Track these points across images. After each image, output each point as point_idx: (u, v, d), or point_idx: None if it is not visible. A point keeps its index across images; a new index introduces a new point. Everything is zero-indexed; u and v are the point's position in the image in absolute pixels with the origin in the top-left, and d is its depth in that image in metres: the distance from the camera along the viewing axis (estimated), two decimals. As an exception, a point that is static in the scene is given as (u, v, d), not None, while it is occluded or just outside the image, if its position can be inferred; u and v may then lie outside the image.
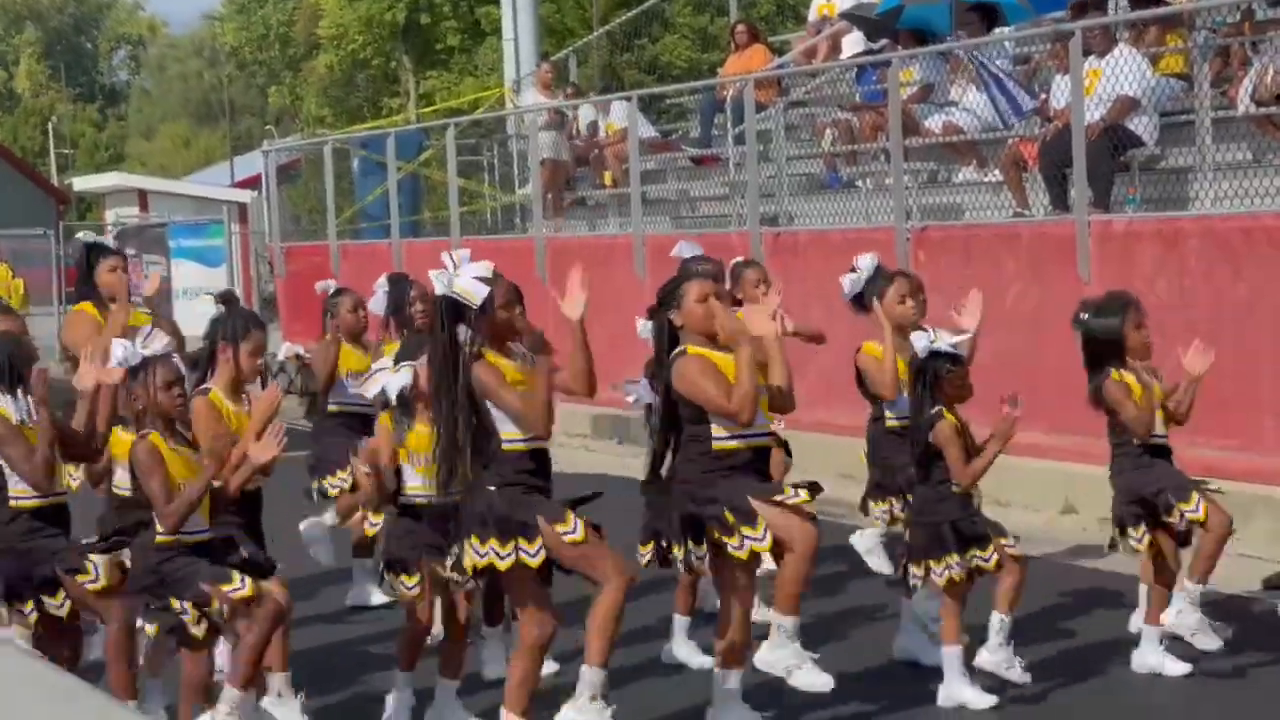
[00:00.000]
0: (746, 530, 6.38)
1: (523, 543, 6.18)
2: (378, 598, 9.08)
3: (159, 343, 6.48)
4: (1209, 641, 7.42)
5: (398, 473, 7.04)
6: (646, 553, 6.74)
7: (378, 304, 9.12)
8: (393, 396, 7.00)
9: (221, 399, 6.90)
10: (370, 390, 7.15)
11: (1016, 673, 7.10)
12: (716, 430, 6.47)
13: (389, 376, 7.05)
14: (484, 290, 6.21)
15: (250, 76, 72.98)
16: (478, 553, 6.23)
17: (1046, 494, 11.03)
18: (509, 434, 6.28)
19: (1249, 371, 10.21)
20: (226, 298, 7.32)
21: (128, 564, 6.55)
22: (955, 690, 7.09)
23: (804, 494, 6.40)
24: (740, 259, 9.58)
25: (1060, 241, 11.70)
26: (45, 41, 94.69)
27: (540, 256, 17.06)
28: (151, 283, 9.18)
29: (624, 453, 14.01)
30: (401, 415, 7.02)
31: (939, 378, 7.19)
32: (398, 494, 7.09)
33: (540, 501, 6.26)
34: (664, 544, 6.66)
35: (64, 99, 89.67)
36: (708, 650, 7.23)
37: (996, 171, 13.27)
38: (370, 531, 8.60)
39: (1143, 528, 7.44)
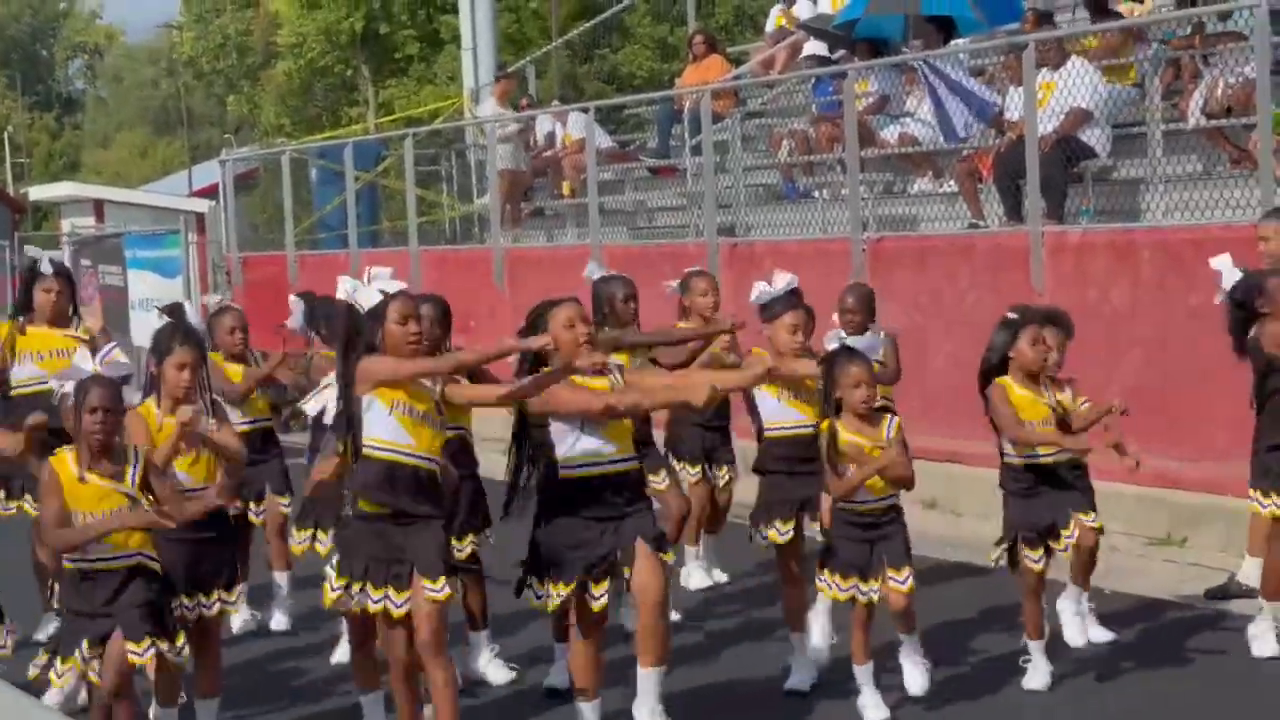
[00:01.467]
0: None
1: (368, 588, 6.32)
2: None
3: (117, 365, 6.35)
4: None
5: None
6: None
7: (295, 321, 9.00)
8: (330, 415, 6.74)
9: (152, 411, 6.75)
10: (313, 408, 7.05)
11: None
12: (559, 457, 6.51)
13: (333, 394, 6.84)
14: (375, 297, 6.33)
15: (208, 85, 72.69)
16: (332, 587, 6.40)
17: (998, 503, 11.07)
18: (380, 439, 6.30)
19: (1200, 381, 10.30)
20: (170, 310, 7.21)
21: None
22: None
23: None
24: (693, 268, 9.60)
25: (1014, 252, 11.77)
26: (1, 50, 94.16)
27: (499, 266, 17.07)
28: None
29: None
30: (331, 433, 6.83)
31: (831, 376, 7.08)
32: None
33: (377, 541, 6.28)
34: None
35: (19, 108, 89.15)
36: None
37: (952, 183, 13.35)
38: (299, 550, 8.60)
39: (1040, 549, 7.46)
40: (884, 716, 7.08)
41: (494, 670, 7.86)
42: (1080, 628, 7.63)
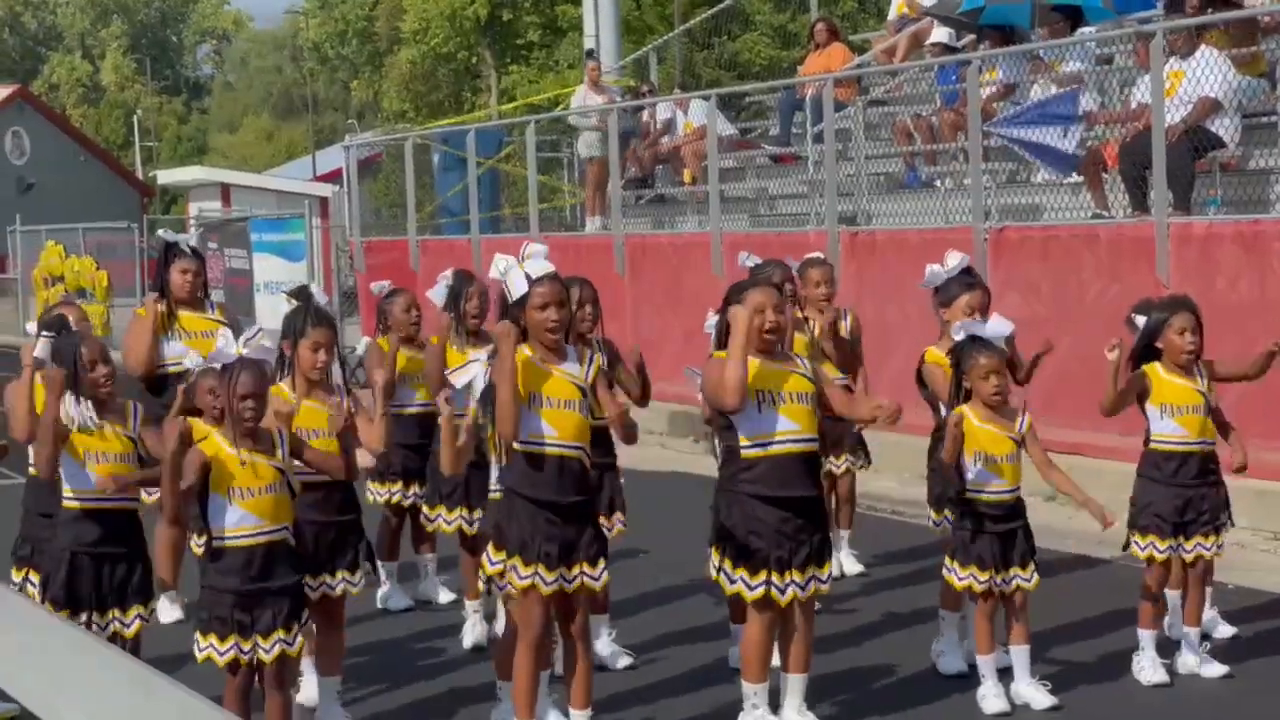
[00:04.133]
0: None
1: (517, 563, 6.31)
2: (405, 602, 9.24)
3: (262, 348, 6.43)
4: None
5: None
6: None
7: (437, 295, 9.06)
8: (478, 389, 6.78)
9: (285, 392, 6.80)
10: (460, 380, 7.03)
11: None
12: (742, 438, 6.48)
13: (481, 369, 6.80)
14: (523, 285, 6.32)
15: (333, 71, 73.50)
16: (491, 561, 6.38)
17: (1121, 496, 10.96)
18: (527, 434, 6.30)
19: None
20: (299, 293, 7.27)
21: None
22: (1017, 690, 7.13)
23: None
24: (811, 255, 9.48)
25: (1139, 243, 11.64)
26: (131, 35, 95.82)
27: (619, 254, 17.13)
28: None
29: (700, 450, 14.04)
30: (484, 409, 6.81)
31: (960, 367, 7.07)
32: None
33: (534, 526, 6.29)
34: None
35: (149, 92, 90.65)
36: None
37: (1075, 173, 13.21)
38: (431, 528, 8.67)
39: (1150, 536, 7.41)
40: (1003, 708, 7.04)
41: (612, 655, 7.90)
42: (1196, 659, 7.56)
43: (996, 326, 7.15)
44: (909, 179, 15.34)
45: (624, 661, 7.91)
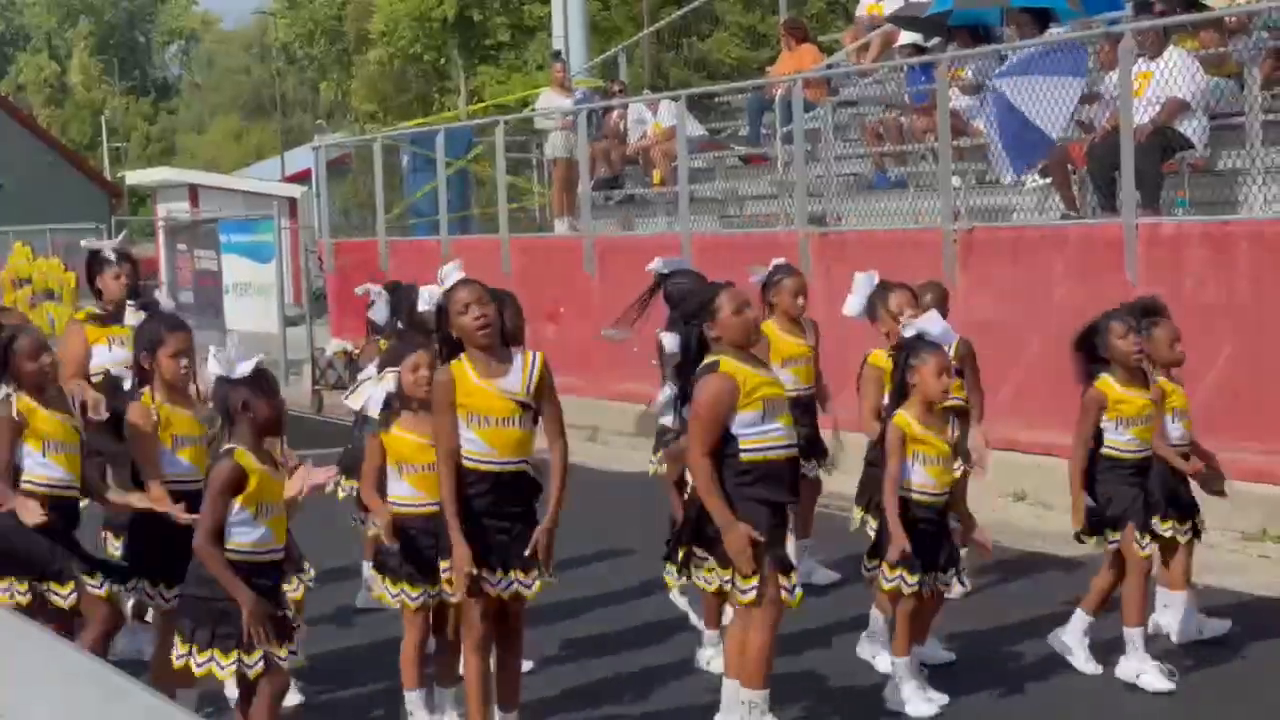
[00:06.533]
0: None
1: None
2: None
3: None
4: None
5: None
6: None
7: (378, 313, 8.84)
8: (374, 410, 6.82)
9: (155, 401, 6.69)
10: (356, 402, 7.02)
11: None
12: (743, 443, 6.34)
13: (374, 387, 6.86)
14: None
15: (301, 71, 73.32)
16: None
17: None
18: (465, 450, 6.26)
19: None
20: (145, 304, 7.19)
21: None
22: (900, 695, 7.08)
23: None
24: (783, 263, 9.32)
25: (1108, 244, 11.66)
26: (99, 35, 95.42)
27: (588, 254, 17.10)
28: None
29: (669, 451, 14.03)
30: (377, 425, 6.84)
31: (907, 363, 6.99)
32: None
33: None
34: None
35: (116, 93, 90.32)
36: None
37: (1035, 176, 13.22)
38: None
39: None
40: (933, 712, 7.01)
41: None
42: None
43: (943, 331, 7.11)
44: (878, 180, 15.35)
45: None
